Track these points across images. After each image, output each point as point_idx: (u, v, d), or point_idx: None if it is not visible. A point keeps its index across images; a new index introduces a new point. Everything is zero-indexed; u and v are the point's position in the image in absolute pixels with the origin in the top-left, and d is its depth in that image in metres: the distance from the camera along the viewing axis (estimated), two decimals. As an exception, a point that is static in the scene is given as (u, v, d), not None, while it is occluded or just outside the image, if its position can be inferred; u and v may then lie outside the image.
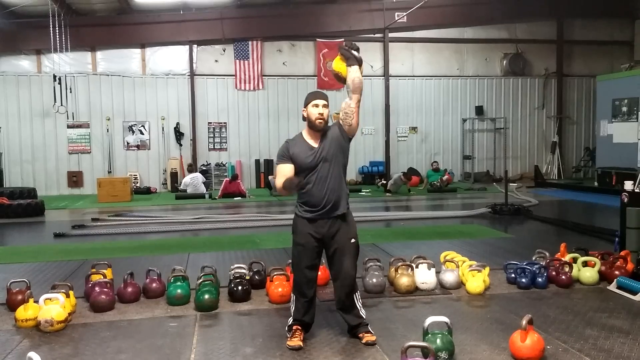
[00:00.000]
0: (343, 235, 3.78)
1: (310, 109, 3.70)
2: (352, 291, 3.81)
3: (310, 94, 3.83)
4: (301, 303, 3.77)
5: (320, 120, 3.68)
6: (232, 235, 8.72)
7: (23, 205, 11.28)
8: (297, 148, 3.74)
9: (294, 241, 3.85)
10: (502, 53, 17.92)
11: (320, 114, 3.68)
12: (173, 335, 4.04)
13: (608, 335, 3.87)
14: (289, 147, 3.77)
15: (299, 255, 3.79)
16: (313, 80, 16.68)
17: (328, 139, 3.74)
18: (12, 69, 15.41)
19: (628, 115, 14.24)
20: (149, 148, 16.18)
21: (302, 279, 3.77)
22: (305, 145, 3.74)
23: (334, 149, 3.73)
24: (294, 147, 3.75)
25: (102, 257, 6.43)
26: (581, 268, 5.28)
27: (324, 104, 3.70)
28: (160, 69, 16.07)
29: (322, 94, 3.83)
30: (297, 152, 3.73)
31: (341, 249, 3.76)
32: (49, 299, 4.23)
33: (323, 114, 3.69)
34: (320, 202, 3.71)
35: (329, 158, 3.71)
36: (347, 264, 3.76)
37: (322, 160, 3.71)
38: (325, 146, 3.72)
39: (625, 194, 5.72)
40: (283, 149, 3.80)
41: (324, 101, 3.72)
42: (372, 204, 12.68)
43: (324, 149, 3.71)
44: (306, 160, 3.70)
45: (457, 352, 3.51)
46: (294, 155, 3.73)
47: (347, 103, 3.74)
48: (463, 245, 7.19)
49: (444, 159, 17.47)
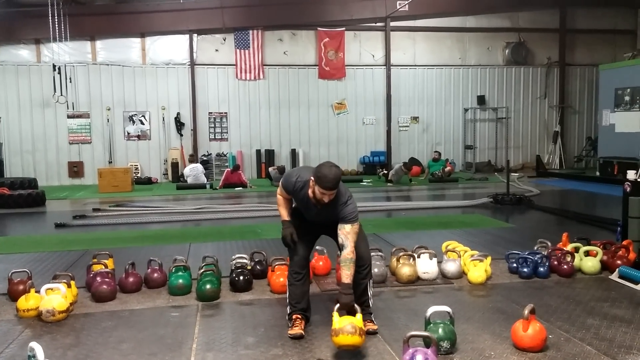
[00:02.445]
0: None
1: (318, 191, 3.52)
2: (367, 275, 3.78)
3: (324, 177, 3.45)
4: (295, 283, 3.80)
5: (324, 204, 3.59)
6: (233, 225, 8.72)
7: (24, 195, 11.28)
8: (300, 195, 3.73)
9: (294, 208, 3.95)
10: (504, 42, 17.81)
11: (324, 201, 3.55)
12: (175, 325, 4.04)
13: (610, 325, 3.86)
14: (295, 186, 3.72)
15: (296, 225, 3.85)
16: (314, 70, 16.61)
17: (330, 207, 3.62)
18: (11, 58, 15.35)
19: (630, 105, 14.18)
20: (149, 138, 16.15)
21: (295, 260, 3.81)
22: (307, 199, 3.68)
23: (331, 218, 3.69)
24: (299, 193, 3.73)
25: (104, 247, 6.43)
26: (583, 257, 5.27)
27: (331, 194, 3.53)
28: (161, 59, 16.00)
29: (336, 182, 3.50)
30: (300, 199, 3.79)
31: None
32: (50, 289, 4.23)
33: (325, 202, 3.56)
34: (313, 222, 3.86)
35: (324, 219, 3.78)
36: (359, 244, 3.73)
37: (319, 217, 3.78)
38: (325, 211, 3.66)
39: (628, 183, 5.69)
40: (289, 183, 3.76)
41: (333, 191, 3.52)
42: (374, 194, 12.66)
43: (322, 214, 3.71)
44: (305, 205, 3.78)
45: (459, 342, 3.51)
46: (296, 199, 3.82)
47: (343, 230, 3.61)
48: (465, 235, 7.18)
49: (446, 149, 17.43)
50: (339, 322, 3.31)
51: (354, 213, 3.63)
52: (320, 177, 3.47)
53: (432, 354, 3.04)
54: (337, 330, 3.29)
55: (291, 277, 3.85)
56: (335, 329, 3.31)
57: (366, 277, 3.80)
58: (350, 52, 16.80)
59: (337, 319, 3.35)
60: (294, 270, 3.83)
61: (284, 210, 3.90)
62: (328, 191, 3.50)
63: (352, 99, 16.99)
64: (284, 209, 3.90)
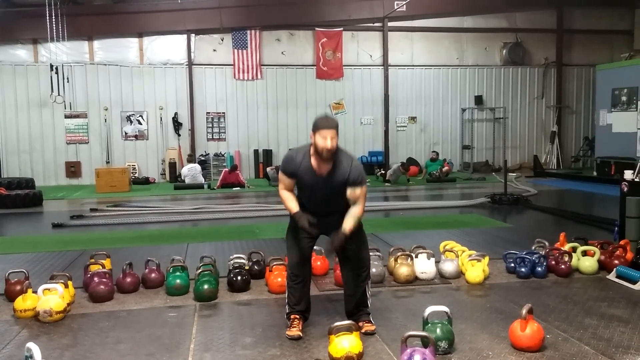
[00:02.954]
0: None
1: (318, 138, 3.47)
2: (366, 278, 3.77)
3: (320, 120, 3.55)
4: (293, 287, 3.75)
5: (327, 151, 3.48)
6: (231, 225, 8.71)
7: (21, 195, 11.25)
8: (303, 169, 3.60)
9: (290, 222, 3.82)
10: (501, 42, 17.83)
11: (327, 145, 3.46)
12: (172, 325, 4.04)
13: (608, 324, 3.87)
14: (294, 161, 3.62)
15: (293, 236, 3.76)
16: (312, 70, 16.60)
17: (336, 175, 3.56)
18: (8, 58, 15.30)
19: (627, 105, 14.21)
20: (147, 138, 16.12)
21: (294, 263, 3.74)
22: (310, 169, 3.59)
23: (337, 186, 3.59)
24: (299, 164, 3.60)
25: (101, 247, 6.41)
26: (580, 257, 5.28)
27: (332, 135, 3.45)
28: (158, 59, 15.97)
29: (332, 122, 3.55)
30: (302, 173, 3.61)
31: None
32: (47, 289, 4.22)
33: (329, 146, 3.45)
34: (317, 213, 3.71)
35: (329, 192, 3.62)
36: (355, 246, 3.71)
37: (325, 190, 3.62)
38: (330, 180, 3.58)
39: (625, 183, 5.71)
40: (289, 163, 3.65)
41: (333, 131, 3.46)
42: (371, 194, 12.63)
43: (328, 183, 3.58)
44: (309, 182, 3.63)
45: (457, 342, 3.51)
46: (299, 175, 3.63)
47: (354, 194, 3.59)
48: (462, 235, 7.18)
49: (443, 149, 17.43)
50: (336, 351, 3.23)
51: (362, 175, 3.59)
52: (317, 123, 3.52)
53: (430, 354, 3.05)
54: (334, 358, 3.24)
55: (289, 279, 3.80)
56: (332, 355, 3.25)
57: (365, 280, 3.79)
58: (348, 52, 16.81)
59: (334, 342, 3.27)
60: (292, 273, 3.77)
61: (291, 203, 3.68)
62: (328, 131, 3.45)
63: (349, 99, 16.99)
64: (291, 202, 3.68)
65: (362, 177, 3.59)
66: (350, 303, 3.84)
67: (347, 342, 3.24)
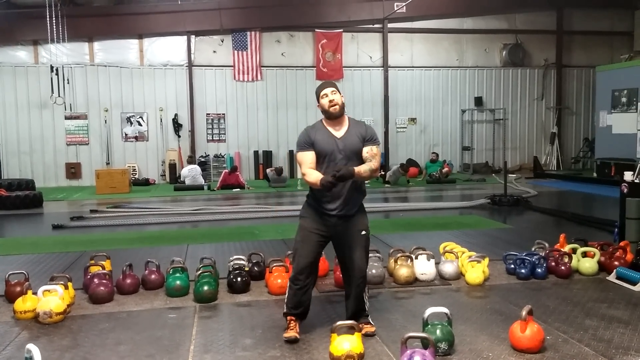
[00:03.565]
0: (353, 227, 3.71)
1: (322, 101, 3.69)
2: (363, 285, 3.76)
3: (319, 86, 3.80)
4: (294, 292, 3.71)
5: (334, 106, 3.66)
6: (231, 226, 8.71)
7: (21, 196, 11.25)
8: (319, 135, 3.68)
9: (301, 225, 3.77)
10: (501, 44, 17.85)
11: (330, 101, 3.65)
12: (172, 326, 4.04)
13: (608, 326, 3.87)
14: (309, 133, 3.70)
15: (302, 240, 3.72)
16: (312, 71, 16.61)
17: (351, 134, 3.69)
18: (9, 59, 15.31)
19: (627, 106, 14.21)
20: (147, 139, 16.13)
21: (300, 268, 3.70)
22: (326, 132, 3.70)
23: (355, 145, 3.67)
24: (316, 133, 3.69)
25: (101, 248, 6.42)
26: (580, 259, 5.28)
27: (332, 90, 3.68)
28: (158, 60, 15.98)
29: (330, 82, 3.82)
30: (319, 138, 3.67)
31: (350, 242, 3.70)
32: (47, 290, 4.22)
33: (334, 100, 3.65)
34: (334, 203, 3.64)
35: (349, 153, 3.65)
36: (357, 257, 3.69)
37: (343, 153, 3.64)
38: (347, 139, 3.68)
39: (625, 184, 5.71)
40: (304, 136, 3.71)
41: (332, 88, 3.70)
42: (371, 195, 12.65)
43: (345, 142, 3.66)
44: (327, 146, 3.64)
45: (457, 343, 3.51)
46: (316, 141, 3.66)
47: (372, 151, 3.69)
48: (462, 236, 7.18)
49: (443, 150, 17.44)
50: (337, 350, 3.24)
51: (376, 134, 3.80)
52: (317, 90, 3.78)
53: (429, 355, 3.04)
54: (335, 358, 3.24)
55: (293, 282, 3.72)
56: (333, 355, 3.26)
57: (362, 287, 3.78)
58: (348, 54, 16.82)
59: (336, 341, 3.28)
60: (296, 278, 3.70)
61: (315, 174, 3.56)
62: (328, 89, 3.69)
63: (349, 100, 16.95)
64: (314, 174, 3.56)
65: (376, 136, 3.80)
66: (349, 306, 3.82)
67: (348, 343, 3.25)
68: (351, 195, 3.68)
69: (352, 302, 3.78)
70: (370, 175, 3.63)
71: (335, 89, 3.70)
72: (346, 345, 3.23)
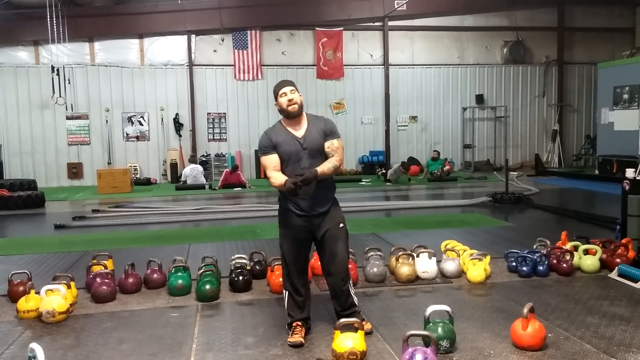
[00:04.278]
0: (330, 220, 3.70)
1: (280, 100, 3.64)
2: (347, 278, 3.73)
3: (277, 85, 3.73)
4: (295, 300, 3.69)
5: (292, 105, 3.61)
6: (232, 225, 8.72)
7: (23, 197, 11.28)
8: (280, 137, 3.65)
9: (282, 234, 3.75)
10: (502, 41, 17.81)
11: (290, 100, 3.60)
12: (174, 325, 4.05)
13: (609, 323, 3.87)
14: (270, 136, 3.67)
15: (288, 247, 3.70)
16: (312, 70, 16.61)
17: (312, 131, 3.65)
18: (9, 60, 15.33)
19: (629, 103, 14.19)
20: (148, 139, 16.14)
21: (293, 274, 3.68)
22: (287, 133, 3.65)
23: (317, 142, 3.64)
24: (276, 135, 3.66)
25: (103, 248, 6.44)
26: (582, 256, 5.27)
27: (291, 89, 3.63)
28: (159, 60, 15.99)
29: (287, 81, 3.75)
30: (281, 140, 3.64)
31: (330, 235, 3.68)
32: (50, 290, 4.24)
33: (293, 99, 3.60)
34: (304, 202, 3.62)
35: (312, 151, 3.63)
36: (340, 249, 3.68)
37: (307, 152, 3.62)
38: (308, 137, 3.64)
39: (627, 181, 5.70)
40: (265, 139, 3.68)
41: (290, 87, 3.64)
42: (373, 193, 12.67)
43: (307, 140, 3.63)
44: (290, 148, 3.62)
45: (459, 341, 3.51)
46: (277, 143, 3.63)
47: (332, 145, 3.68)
48: (464, 234, 7.18)
49: (444, 148, 17.43)
50: (340, 347, 3.24)
51: (335, 127, 3.77)
52: (274, 90, 3.72)
53: (431, 353, 3.05)
54: (337, 355, 3.25)
55: (292, 294, 3.69)
56: (335, 351, 3.26)
57: (346, 281, 3.73)
58: (349, 52, 16.81)
59: (339, 339, 3.28)
60: (293, 288, 3.68)
61: (280, 178, 3.55)
62: (286, 88, 3.63)
63: (350, 98, 17.00)
64: (279, 176, 3.56)
65: (336, 129, 3.77)
66: (338, 305, 3.77)
67: (351, 340, 3.25)
68: (321, 193, 3.66)
69: (339, 297, 3.73)
70: (334, 172, 3.64)
71: (294, 87, 3.66)
72: (349, 343, 3.24)
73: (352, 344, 3.24)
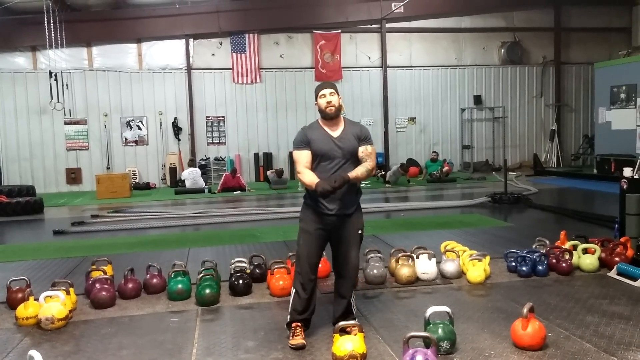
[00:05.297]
0: (351, 225, 3.75)
1: (319, 100, 3.75)
2: (353, 285, 3.84)
3: (317, 86, 3.86)
4: (301, 298, 3.70)
5: (330, 107, 3.70)
6: (232, 229, 8.71)
7: (22, 203, 11.26)
8: (316, 134, 3.73)
9: (301, 228, 3.79)
10: (499, 42, 17.85)
11: (328, 102, 3.70)
12: (174, 330, 4.04)
13: (609, 322, 3.87)
14: (306, 132, 3.76)
15: (304, 243, 3.74)
16: (310, 73, 16.62)
17: (347, 133, 3.75)
18: (7, 65, 15.33)
19: (626, 102, 14.21)
20: (147, 143, 16.14)
21: (305, 270, 3.70)
22: (323, 132, 3.74)
23: (352, 144, 3.72)
24: (312, 132, 3.75)
25: (102, 253, 6.43)
26: (581, 255, 5.28)
27: (330, 92, 3.73)
28: (157, 64, 16.00)
29: (329, 83, 3.86)
30: (316, 137, 3.72)
31: (347, 240, 3.74)
32: (49, 296, 4.23)
33: (331, 102, 3.70)
34: (332, 203, 3.66)
35: (345, 152, 3.70)
36: (353, 255, 3.76)
37: (340, 152, 3.69)
38: (344, 138, 3.73)
39: (625, 180, 5.71)
40: (301, 135, 3.77)
41: (330, 89, 3.75)
42: (372, 195, 12.65)
43: (343, 141, 3.71)
44: (324, 146, 3.69)
45: (459, 342, 3.51)
46: (312, 140, 3.71)
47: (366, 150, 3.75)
48: (463, 234, 7.19)
49: (443, 149, 17.44)
50: (340, 350, 3.25)
51: (370, 134, 3.86)
52: (316, 90, 3.83)
53: (432, 355, 3.05)
54: (337, 358, 3.25)
55: (300, 289, 3.70)
56: (335, 355, 3.27)
57: (353, 286, 3.84)
58: (347, 54, 16.83)
59: (338, 342, 3.29)
60: (302, 281, 3.70)
61: (310, 176, 3.61)
62: (326, 90, 3.74)
63: (348, 100, 16.97)
64: (310, 176, 3.61)
65: (370, 136, 3.86)
66: (339, 308, 3.80)
67: (351, 343, 3.26)
68: (348, 196, 3.72)
69: (341, 304, 3.78)
70: (367, 176, 3.72)
71: (334, 90, 3.75)
72: (349, 346, 3.24)
73: (351, 346, 3.24)
